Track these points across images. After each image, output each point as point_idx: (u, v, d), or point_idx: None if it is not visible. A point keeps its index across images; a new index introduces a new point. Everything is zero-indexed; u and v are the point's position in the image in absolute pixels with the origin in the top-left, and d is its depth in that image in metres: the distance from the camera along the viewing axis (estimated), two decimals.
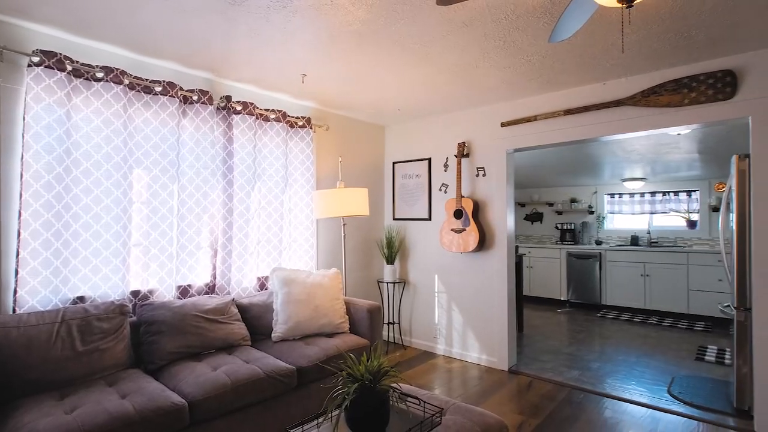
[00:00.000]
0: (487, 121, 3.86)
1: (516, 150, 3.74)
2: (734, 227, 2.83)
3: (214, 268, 3.06)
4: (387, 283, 4.35)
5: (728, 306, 2.97)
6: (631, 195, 6.51)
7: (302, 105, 3.78)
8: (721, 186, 5.66)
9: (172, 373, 2.23)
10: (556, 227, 7.11)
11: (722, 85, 2.68)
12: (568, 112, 3.32)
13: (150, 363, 2.33)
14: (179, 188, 2.83)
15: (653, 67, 2.89)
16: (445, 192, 4.17)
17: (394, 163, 4.60)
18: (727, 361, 3.88)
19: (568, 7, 1.63)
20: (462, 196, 3.90)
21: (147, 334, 2.40)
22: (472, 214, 3.81)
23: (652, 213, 6.35)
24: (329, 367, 2.58)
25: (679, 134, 4.27)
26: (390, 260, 4.36)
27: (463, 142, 3.91)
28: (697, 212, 5.94)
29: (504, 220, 3.73)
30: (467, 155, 3.97)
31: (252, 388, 2.21)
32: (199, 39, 2.45)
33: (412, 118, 4.32)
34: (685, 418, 2.80)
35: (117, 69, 2.51)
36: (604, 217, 6.74)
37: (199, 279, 2.98)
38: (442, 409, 1.88)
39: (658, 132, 3.04)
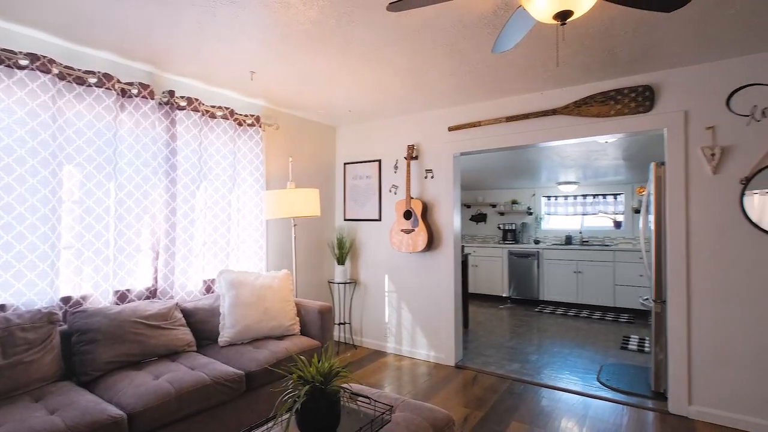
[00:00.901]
0: (435, 125, 3.95)
1: (462, 153, 3.86)
2: (652, 228, 3.10)
3: (156, 271, 2.89)
4: (338, 283, 4.32)
5: (647, 299, 3.25)
6: (566, 197, 6.93)
7: (251, 103, 3.67)
8: (641, 190, 6.17)
9: (108, 384, 2.08)
10: (499, 227, 7.42)
11: (642, 98, 2.93)
12: (510, 118, 3.48)
13: (83, 374, 2.16)
14: (117, 187, 2.65)
15: (585, 80, 3.10)
16: (395, 193, 4.21)
17: (345, 164, 4.58)
18: (646, 349, 4.25)
19: (509, 20, 1.71)
20: (411, 198, 3.96)
21: (80, 344, 2.21)
22: (421, 215, 3.89)
23: (583, 214, 6.80)
24: (279, 371, 2.52)
25: (606, 142, 4.61)
26: (341, 261, 4.34)
27: (413, 145, 3.98)
28: (622, 214, 6.45)
29: (451, 220, 3.84)
30: (416, 158, 4.04)
31: (198, 395, 2.11)
32: (140, 29, 2.30)
33: (364, 119, 4.33)
34: (611, 403, 3.03)
35: (44, 57, 2.30)
36: (541, 218, 7.13)
37: (139, 283, 2.79)
38: (392, 406, 1.90)
39: (588, 140, 3.26)
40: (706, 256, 2.76)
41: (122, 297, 2.70)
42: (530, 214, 7.19)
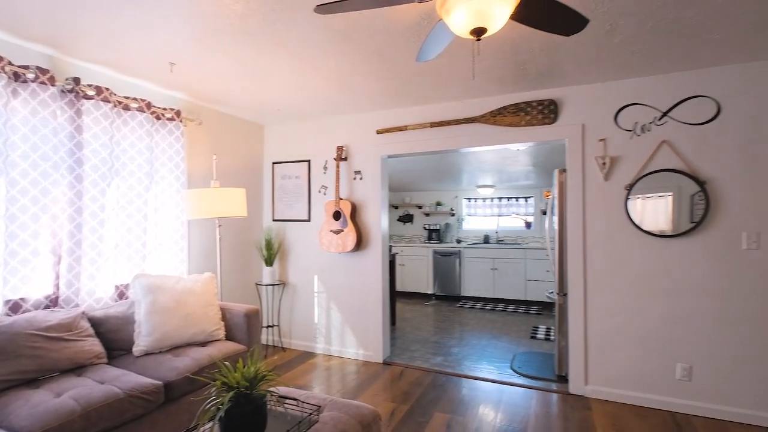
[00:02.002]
0: (364, 128, 3.99)
1: (390, 156, 3.94)
2: (556, 228, 3.41)
3: (58, 277, 2.58)
4: (266, 285, 4.19)
5: (552, 292, 3.57)
6: (484, 200, 7.37)
7: (171, 96, 3.42)
8: (548, 194, 6.74)
9: None
10: (424, 228, 7.68)
11: (548, 111, 3.22)
12: (434, 124, 3.62)
13: None
14: (8, 182, 2.33)
15: (499, 92, 3.33)
16: (325, 194, 4.18)
17: (273, 163, 4.46)
18: (552, 338, 4.66)
19: (431, 32, 1.79)
20: (340, 198, 3.96)
21: None
22: (350, 216, 3.90)
23: (499, 215, 7.28)
24: (202, 378, 2.39)
25: (518, 150, 4.97)
26: (269, 262, 4.21)
27: (342, 146, 3.98)
28: (532, 215, 7.01)
29: (379, 221, 3.90)
30: (345, 159, 4.04)
31: (109, 411, 1.92)
32: (37, 5, 2.05)
33: (293, 119, 4.24)
34: (522, 388, 3.28)
35: None
36: (463, 219, 7.50)
37: (36, 291, 2.48)
38: (320, 406, 1.89)
39: (502, 147, 3.50)
40: (599, 252, 3.10)
41: (15, 307, 2.38)
42: (453, 215, 7.54)
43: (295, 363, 3.88)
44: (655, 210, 2.90)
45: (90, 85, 2.70)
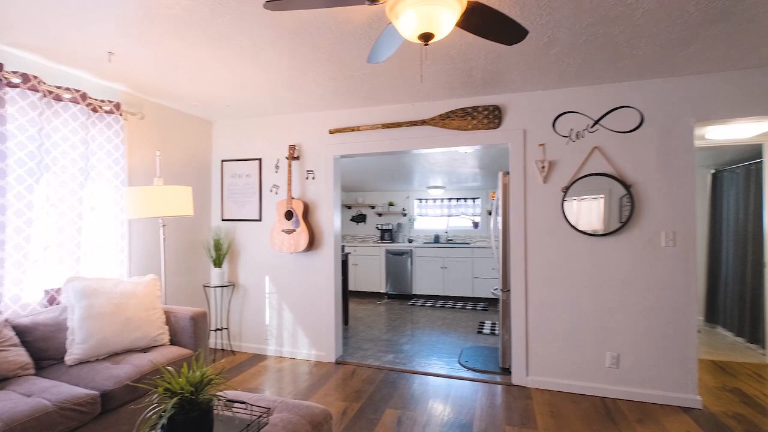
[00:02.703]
0: (317, 127, 3.95)
1: (342, 156, 3.93)
2: (500, 228, 3.56)
3: None
4: (215, 287, 4.03)
5: (497, 289, 3.72)
6: (434, 200, 7.54)
7: (110, 87, 3.21)
8: (493, 195, 7.02)
9: None
10: (377, 228, 7.72)
11: (493, 116, 3.36)
12: (386, 125, 3.66)
13: None
14: None
15: (448, 96, 3.42)
16: (276, 193, 4.09)
17: (222, 161, 4.30)
18: (497, 332, 4.85)
19: (381, 35, 1.81)
20: (293, 198, 3.89)
21: None
22: (303, 216, 3.85)
23: (449, 215, 7.48)
24: (144, 386, 2.26)
25: (466, 152, 5.13)
26: (218, 263, 4.05)
27: (294, 145, 3.92)
28: (479, 215, 7.26)
29: (332, 221, 3.88)
30: (298, 158, 3.98)
31: (36, 426, 1.77)
32: None
33: (243, 116, 4.11)
34: (469, 381, 3.39)
35: None
36: (414, 219, 7.62)
37: None
38: (270, 408, 1.85)
39: (451, 149, 3.60)
40: (539, 251, 3.27)
41: None
42: (405, 215, 7.65)
43: (245, 366, 3.77)
44: (589, 211, 3.10)
45: (15, 72, 2.47)
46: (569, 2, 1.97)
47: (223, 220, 4.30)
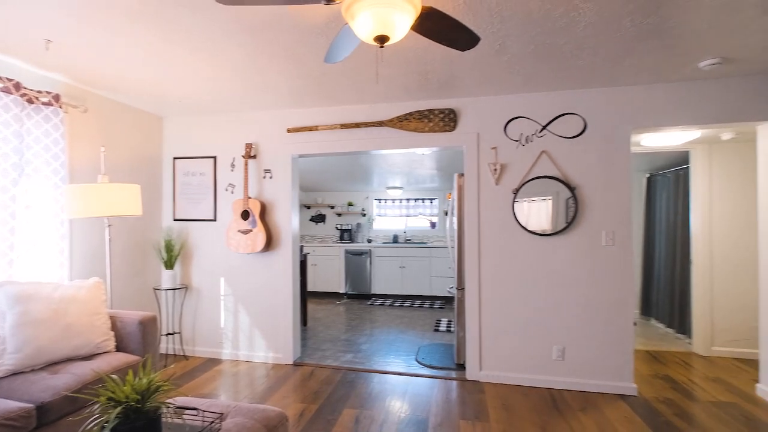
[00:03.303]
0: (274, 126, 3.86)
1: (301, 155, 3.87)
2: (456, 228, 3.65)
3: None
4: (166, 290, 3.85)
5: (452, 287, 3.81)
6: (393, 200, 7.59)
7: (48, 77, 2.97)
8: (450, 196, 7.18)
9: None
10: (337, 228, 7.67)
11: (448, 119, 3.44)
12: (344, 126, 3.64)
13: None
14: None
15: (406, 98, 3.46)
16: (232, 192, 3.97)
17: (175, 158, 4.11)
18: (452, 329, 4.96)
19: (338, 35, 1.80)
20: (249, 197, 3.79)
21: None
22: (260, 216, 3.75)
23: (407, 216, 7.56)
24: (85, 396, 2.11)
25: (423, 154, 5.22)
26: (169, 265, 3.87)
27: (251, 144, 3.81)
28: (437, 216, 7.40)
29: (289, 221, 3.81)
30: (255, 156, 3.88)
31: None
32: None
33: (197, 112, 3.95)
34: (426, 378, 3.45)
35: None
36: (373, 219, 7.65)
37: None
38: (223, 414, 1.79)
39: (409, 151, 3.64)
40: (492, 250, 3.38)
41: None
42: (364, 215, 7.65)
43: (198, 371, 3.62)
44: (538, 211, 3.24)
45: None
46: (518, 12, 2.05)
47: (175, 219, 4.11)
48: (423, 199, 7.46)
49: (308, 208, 7.93)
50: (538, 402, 2.98)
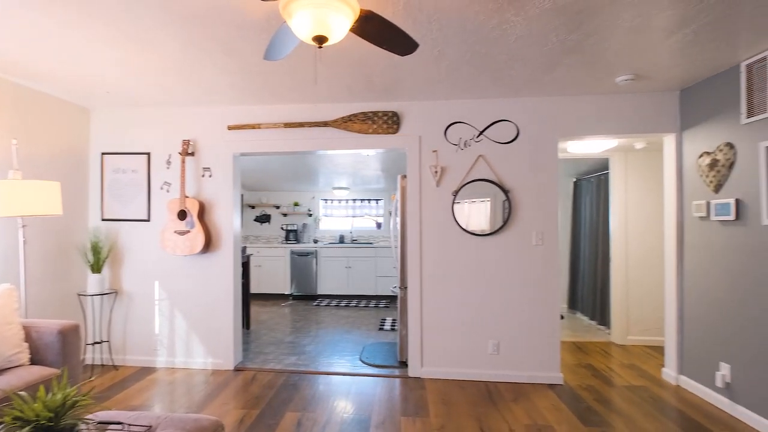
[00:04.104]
0: (214, 122, 3.69)
1: (242, 154, 3.73)
2: (399, 228, 3.69)
3: None
4: (92, 295, 3.53)
5: (396, 287, 3.85)
6: (339, 201, 7.55)
7: None
8: (394, 197, 7.28)
9: None
10: (282, 228, 7.49)
11: (392, 122, 3.47)
12: (288, 125, 3.56)
13: None
14: None
15: (350, 99, 3.45)
16: (168, 191, 3.73)
17: (103, 154, 3.79)
18: (396, 328, 5.01)
19: (276, 32, 1.76)
20: (187, 197, 3.59)
21: None
22: (198, 216, 3.56)
23: (353, 216, 7.55)
24: None
25: (368, 155, 5.23)
26: (97, 268, 3.56)
27: (189, 140, 3.61)
28: (382, 216, 7.45)
29: (231, 221, 3.65)
30: (193, 154, 3.68)
31: None
32: None
33: (129, 105, 3.67)
34: (370, 377, 3.45)
35: None
36: (319, 219, 7.55)
37: None
38: (151, 426, 1.67)
39: (354, 151, 3.63)
40: (433, 249, 3.45)
41: None
42: (310, 215, 7.53)
43: (129, 381, 3.36)
44: (476, 212, 3.36)
45: None
46: (455, 21, 2.12)
47: (103, 219, 3.79)
48: (369, 200, 7.48)
49: (252, 207, 7.66)
50: (475, 395, 3.09)
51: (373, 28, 1.71)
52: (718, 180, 2.84)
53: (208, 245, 3.62)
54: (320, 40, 1.53)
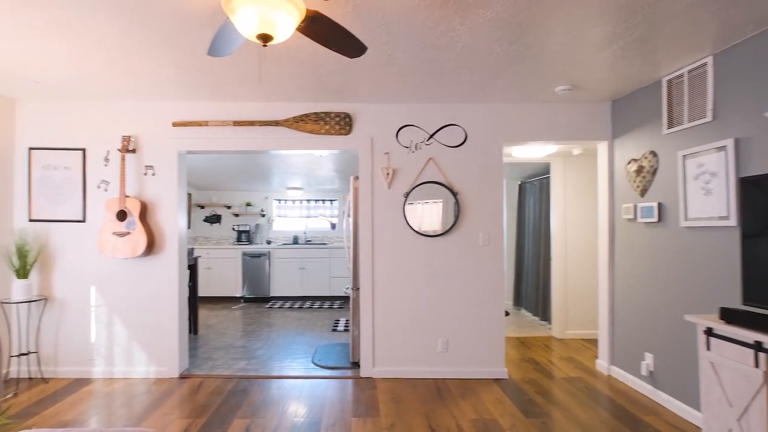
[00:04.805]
0: (157, 118, 3.48)
1: (189, 152, 3.56)
2: (351, 229, 3.68)
3: None
4: (18, 303, 3.23)
5: (349, 288, 3.83)
6: (293, 201, 7.41)
7: None
8: (348, 197, 7.27)
9: None
10: (233, 229, 7.24)
11: (344, 123, 3.45)
12: (237, 123, 3.44)
13: None
14: None
15: (302, 99, 3.38)
16: (106, 190, 3.48)
17: (31, 149, 3.46)
18: (349, 329, 4.99)
19: (219, 28, 1.69)
20: (127, 196, 3.36)
21: None
22: (140, 216, 3.36)
23: (307, 217, 7.44)
24: None
25: (321, 156, 5.17)
26: (23, 273, 3.25)
27: (129, 136, 3.39)
28: (337, 217, 7.40)
29: (175, 222, 3.47)
30: (134, 151, 3.46)
31: None
32: None
33: (61, 97, 3.39)
34: (322, 379, 3.41)
35: None
36: (273, 220, 7.37)
37: None
38: None
39: (306, 152, 3.58)
40: (385, 250, 3.47)
41: None
42: (263, 215, 7.33)
43: (61, 395, 3.10)
44: (427, 214, 3.42)
45: None
46: (404, 26, 2.14)
47: (31, 220, 3.47)
48: (323, 200, 7.40)
49: (202, 207, 7.34)
50: (424, 393, 3.14)
51: (320, 29, 1.69)
52: (643, 185, 3.07)
53: (151, 247, 3.42)
54: (265, 38, 1.49)
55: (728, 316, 1.97)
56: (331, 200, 7.39)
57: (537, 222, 5.29)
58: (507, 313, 5.70)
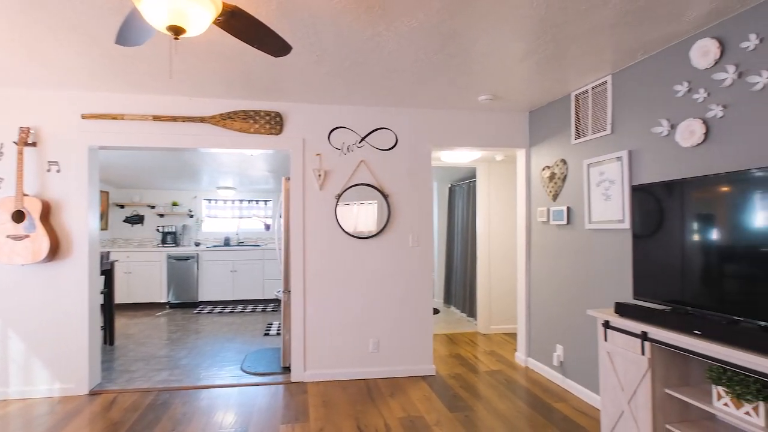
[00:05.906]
0: (64, 109, 3.12)
1: (102, 147, 3.23)
2: (283, 231, 3.57)
3: None
4: None
5: (280, 291, 3.71)
6: (225, 201, 7.05)
7: None
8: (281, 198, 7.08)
9: None
10: (158, 230, 6.72)
11: (274, 122, 3.34)
12: (157, 118, 3.18)
13: None
14: None
15: (229, 95, 3.22)
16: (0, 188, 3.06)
17: None
18: (281, 333, 4.85)
19: (126, 17, 1.55)
20: (25, 195, 2.98)
21: None
22: (41, 217, 2.98)
23: (240, 217, 7.12)
24: None
25: (252, 155, 4.97)
26: None
27: (29, 128, 3.00)
28: (271, 217, 7.16)
29: (86, 223, 3.13)
30: (34, 144, 3.06)
31: None
32: None
33: None
34: (251, 386, 3.26)
35: None
36: (202, 221, 6.95)
37: None
38: None
39: (235, 151, 3.41)
40: (316, 252, 3.41)
41: None
42: (191, 216, 6.89)
43: None
44: (358, 216, 3.41)
45: None
46: (331, 28, 2.11)
47: None
48: (257, 201, 7.12)
49: (122, 207, 6.73)
50: (355, 394, 3.13)
51: (240, 25, 1.61)
52: (555, 190, 3.32)
53: (56, 251, 3.06)
54: (176, 31, 1.38)
55: (621, 309, 2.18)
56: (266, 200, 7.13)
57: (465, 223, 5.52)
58: (436, 311, 5.88)
